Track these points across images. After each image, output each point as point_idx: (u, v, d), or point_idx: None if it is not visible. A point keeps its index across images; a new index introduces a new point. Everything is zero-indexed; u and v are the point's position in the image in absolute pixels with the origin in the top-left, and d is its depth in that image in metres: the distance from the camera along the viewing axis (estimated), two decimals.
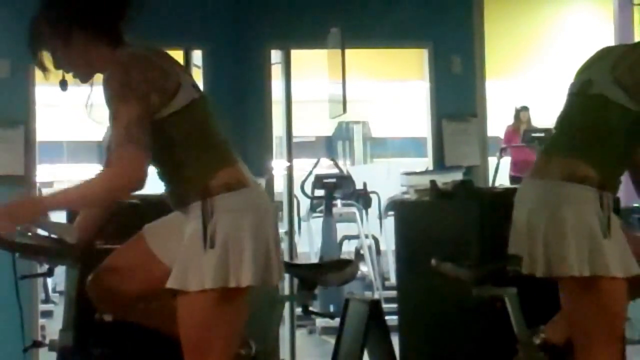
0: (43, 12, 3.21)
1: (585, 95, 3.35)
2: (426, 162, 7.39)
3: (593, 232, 3.20)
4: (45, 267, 3.37)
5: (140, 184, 3.03)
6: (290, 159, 6.70)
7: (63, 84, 3.26)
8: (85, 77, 3.24)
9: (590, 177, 3.23)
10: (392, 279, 9.48)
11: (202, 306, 3.06)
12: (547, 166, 3.37)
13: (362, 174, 10.52)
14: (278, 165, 6.67)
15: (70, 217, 3.89)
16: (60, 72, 3.25)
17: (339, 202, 9.50)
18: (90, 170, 17.68)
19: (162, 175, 3.23)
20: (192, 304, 3.07)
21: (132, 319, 3.41)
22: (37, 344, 3.56)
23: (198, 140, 3.16)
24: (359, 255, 9.32)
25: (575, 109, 3.42)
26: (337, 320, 4.72)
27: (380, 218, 9.61)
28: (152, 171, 3.14)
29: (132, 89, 3.03)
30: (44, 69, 3.24)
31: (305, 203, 9.59)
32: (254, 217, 3.10)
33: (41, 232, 3.29)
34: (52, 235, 3.25)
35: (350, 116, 11.20)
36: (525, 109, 10.98)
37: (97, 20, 3.18)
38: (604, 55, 3.40)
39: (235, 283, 3.03)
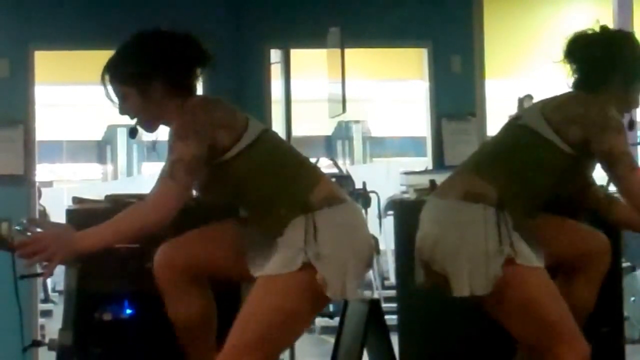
0: (124, 58, 3.21)
1: (511, 124, 3.46)
2: (426, 162, 7.40)
3: (483, 251, 3.15)
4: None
5: (168, 218, 3.05)
6: None
7: (133, 133, 3.28)
8: (150, 127, 3.26)
9: (486, 194, 3.21)
10: (392, 279, 9.48)
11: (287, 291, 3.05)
12: (449, 185, 3.39)
13: (362, 173, 10.48)
14: None
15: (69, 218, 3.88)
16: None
17: None
18: (90, 169, 17.67)
19: (253, 208, 3.22)
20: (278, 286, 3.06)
21: (177, 294, 3.29)
22: (37, 344, 3.57)
23: (284, 162, 3.22)
24: None
25: (496, 136, 3.50)
26: (337, 319, 4.71)
27: (380, 217, 9.57)
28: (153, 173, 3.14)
29: (194, 130, 3.08)
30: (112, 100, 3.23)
31: None
32: (356, 233, 3.17)
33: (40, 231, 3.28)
34: None
35: (349, 115, 11.19)
36: (529, 97, 10.75)
37: (177, 76, 3.20)
38: (536, 103, 3.53)
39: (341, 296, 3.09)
